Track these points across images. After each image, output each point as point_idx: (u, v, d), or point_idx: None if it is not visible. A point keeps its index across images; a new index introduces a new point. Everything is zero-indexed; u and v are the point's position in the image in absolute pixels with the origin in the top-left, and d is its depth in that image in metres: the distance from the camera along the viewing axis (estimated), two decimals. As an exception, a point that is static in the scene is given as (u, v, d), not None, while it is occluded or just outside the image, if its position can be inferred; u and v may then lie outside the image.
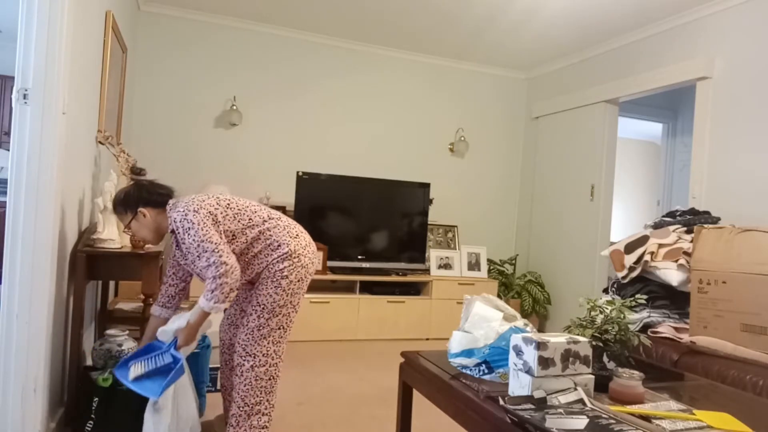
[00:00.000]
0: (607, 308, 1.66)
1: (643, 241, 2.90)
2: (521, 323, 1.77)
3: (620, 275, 2.92)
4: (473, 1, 3.82)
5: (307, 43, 4.76)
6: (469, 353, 1.71)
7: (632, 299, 1.77)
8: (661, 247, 2.81)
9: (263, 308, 2.07)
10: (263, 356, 2.08)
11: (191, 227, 1.95)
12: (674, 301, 2.78)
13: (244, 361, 2.07)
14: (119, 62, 3.38)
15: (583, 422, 1.22)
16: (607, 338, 1.63)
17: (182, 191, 4.50)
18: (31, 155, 1.92)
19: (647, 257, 2.80)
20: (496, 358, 1.63)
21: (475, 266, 4.84)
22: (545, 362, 1.36)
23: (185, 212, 1.99)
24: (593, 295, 4.27)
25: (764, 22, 3.23)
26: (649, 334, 2.66)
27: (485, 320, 1.75)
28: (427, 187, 4.77)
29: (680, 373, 2.02)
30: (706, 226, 2.66)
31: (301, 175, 4.37)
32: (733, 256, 2.43)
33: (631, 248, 2.92)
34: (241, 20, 4.54)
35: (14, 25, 2.00)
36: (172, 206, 2.08)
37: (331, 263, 4.41)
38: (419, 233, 4.74)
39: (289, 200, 4.61)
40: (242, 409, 2.06)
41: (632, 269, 2.86)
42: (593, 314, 1.68)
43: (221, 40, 4.53)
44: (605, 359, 1.63)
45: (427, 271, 4.74)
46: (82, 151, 2.50)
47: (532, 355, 1.37)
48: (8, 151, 2.00)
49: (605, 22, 4.00)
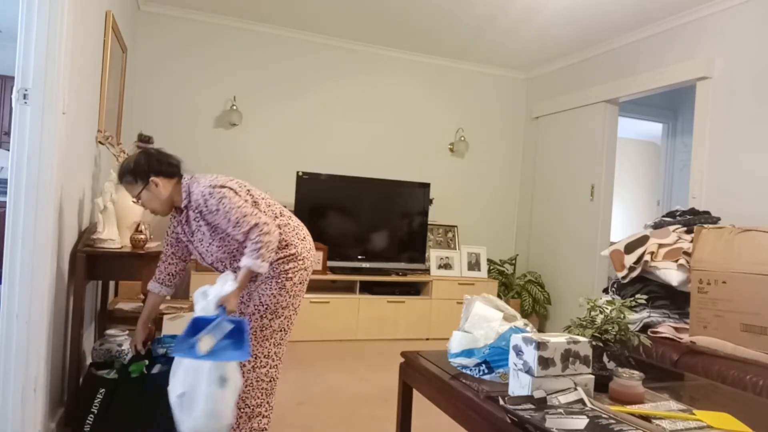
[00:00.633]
0: (607, 308, 1.66)
1: (643, 241, 2.90)
2: (521, 323, 1.77)
3: (620, 275, 2.92)
4: (473, 1, 3.82)
5: (307, 43, 4.76)
6: (469, 353, 1.71)
7: (632, 299, 1.77)
8: (661, 247, 2.81)
9: (266, 309, 2.06)
10: (265, 357, 2.07)
11: (224, 197, 1.94)
12: (674, 301, 2.78)
13: (245, 361, 2.06)
14: (119, 62, 3.38)
15: (583, 422, 1.22)
16: (607, 338, 1.63)
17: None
18: (31, 155, 1.92)
19: (647, 257, 2.80)
20: (496, 358, 1.63)
21: (475, 266, 4.84)
22: (545, 362, 1.36)
23: (212, 185, 1.96)
24: (593, 295, 4.27)
25: (764, 22, 3.22)
26: (649, 334, 2.66)
27: (485, 320, 1.75)
28: (427, 187, 4.77)
29: (680, 373, 2.02)
30: (706, 226, 2.66)
31: (301, 175, 4.37)
32: (733, 256, 2.43)
33: (631, 248, 2.91)
34: (241, 20, 4.54)
35: (14, 25, 2.00)
36: (191, 180, 2.04)
37: (331, 263, 4.41)
38: (419, 233, 4.74)
39: (289, 200, 4.61)
40: (243, 410, 2.05)
41: (632, 269, 2.86)
42: (593, 314, 1.68)
43: (221, 40, 4.53)
44: (605, 359, 1.63)
45: (427, 271, 4.74)
46: (82, 151, 2.50)
47: (532, 355, 1.37)
48: (8, 151, 1.99)
49: (605, 22, 4.00)
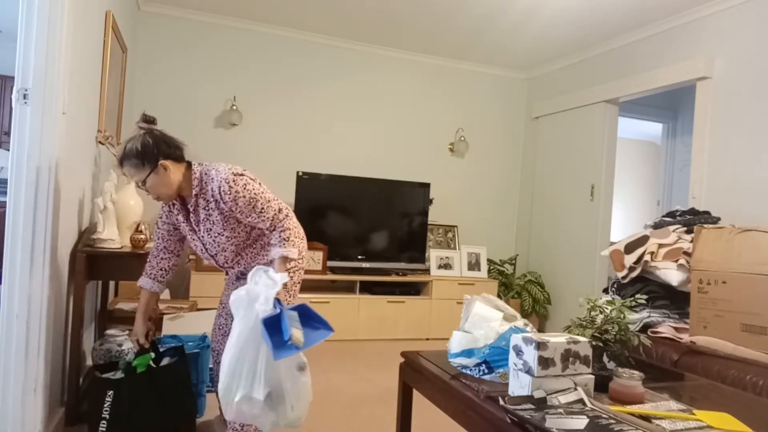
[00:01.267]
0: (607, 308, 1.66)
1: (643, 241, 2.90)
2: (521, 323, 1.77)
3: (620, 275, 2.92)
4: (473, 1, 3.82)
5: (307, 43, 4.76)
6: (469, 353, 1.71)
7: (632, 299, 1.77)
8: (661, 247, 2.81)
9: None
10: None
11: (248, 182, 1.89)
12: (674, 301, 2.78)
13: None
14: (119, 62, 3.38)
15: (583, 422, 1.21)
16: (607, 338, 1.63)
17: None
18: (31, 155, 1.92)
19: (647, 257, 2.80)
20: (496, 358, 1.63)
21: (475, 266, 4.84)
22: (545, 362, 1.36)
23: (234, 173, 1.89)
24: (593, 295, 4.27)
25: (764, 22, 3.22)
26: (649, 334, 2.66)
27: (485, 320, 1.75)
28: (427, 187, 4.77)
29: (680, 373, 2.02)
30: (706, 226, 2.66)
31: (301, 175, 4.37)
32: (733, 256, 2.43)
33: (631, 248, 2.91)
34: (241, 20, 4.54)
35: (14, 25, 2.00)
36: (205, 168, 1.94)
37: (331, 263, 4.41)
38: (419, 233, 4.74)
39: (289, 200, 4.61)
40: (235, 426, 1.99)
41: (632, 269, 2.86)
42: (593, 314, 1.68)
43: (221, 40, 4.53)
44: (605, 359, 1.63)
45: (427, 271, 4.74)
46: (82, 151, 2.50)
47: (532, 355, 1.37)
48: (8, 151, 2.00)
49: (605, 22, 4.00)
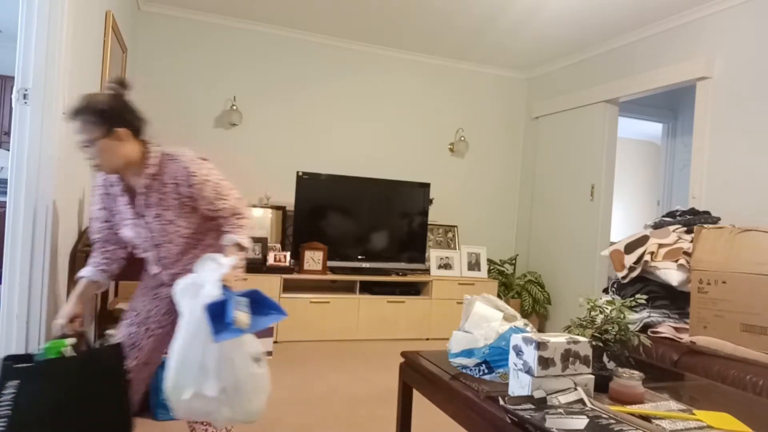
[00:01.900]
0: (607, 308, 1.66)
1: (643, 241, 2.90)
2: (521, 323, 1.76)
3: (620, 275, 2.92)
4: (473, 1, 3.82)
5: (307, 43, 4.76)
6: (469, 353, 1.71)
7: (632, 299, 1.77)
8: (661, 247, 2.81)
9: None
10: None
11: (213, 169, 1.80)
12: (674, 301, 2.78)
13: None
14: (119, 62, 3.38)
15: (583, 422, 1.21)
16: (607, 338, 1.63)
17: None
18: (31, 155, 1.92)
19: (647, 257, 2.80)
20: (496, 358, 1.63)
21: (475, 266, 4.84)
22: (545, 362, 1.36)
23: (200, 158, 1.81)
24: (593, 295, 4.27)
25: (764, 22, 3.23)
26: (649, 334, 2.66)
27: (485, 320, 1.75)
28: (427, 187, 4.77)
29: (680, 373, 2.02)
30: (706, 226, 2.66)
31: (301, 175, 4.37)
32: (733, 256, 2.43)
33: (631, 248, 2.91)
34: (241, 20, 4.54)
35: (14, 25, 2.00)
36: (168, 151, 1.78)
37: (331, 263, 4.41)
38: (419, 233, 4.74)
39: (289, 200, 4.62)
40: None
41: (632, 269, 2.86)
42: (593, 314, 1.68)
43: (221, 40, 4.53)
44: (605, 359, 1.63)
45: (427, 271, 4.74)
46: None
47: (532, 355, 1.37)
48: (8, 151, 2.00)
49: (605, 22, 4.01)
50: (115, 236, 1.85)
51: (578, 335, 1.52)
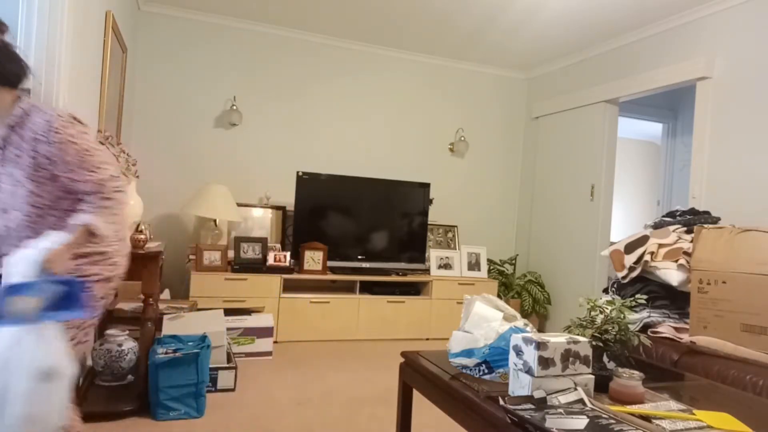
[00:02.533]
0: (607, 308, 1.66)
1: (643, 241, 2.90)
2: (521, 323, 1.77)
3: (620, 275, 2.92)
4: (473, 1, 3.82)
5: (307, 43, 4.76)
6: (469, 353, 1.71)
7: (632, 299, 1.77)
8: (661, 247, 2.81)
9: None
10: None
11: (86, 134, 1.55)
12: (674, 301, 2.78)
13: None
14: (119, 62, 3.39)
15: (583, 422, 1.22)
16: (607, 338, 1.63)
17: (182, 191, 4.52)
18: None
19: (647, 257, 2.80)
20: (496, 358, 1.63)
21: (475, 266, 4.84)
22: (545, 362, 1.36)
23: (73, 116, 1.58)
24: (593, 295, 4.27)
25: (764, 22, 3.23)
26: (649, 334, 2.66)
27: (485, 320, 1.75)
28: (427, 187, 4.77)
29: (680, 373, 2.02)
30: (706, 226, 2.66)
31: (301, 175, 4.37)
32: (733, 256, 2.43)
33: (631, 248, 2.92)
34: (241, 20, 4.54)
35: (14, 25, 2.00)
36: (35, 103, 1.57)
37: (331, 263, 4.41)
38: (419, 233, 4.74)
39: (289, 200, 4.62)
40: None
41: (632, 269, 2.86)
42: (593, 314, 1.68)
43: (221, 40, 4.53)
44: (605, 359, 1.64)
45: (427, 271, 4.74)
46: (82, 151, 2.50)
47: (532, 355, 1.37)
48: (8, 151, 1.99)
49: (605, 22, 4.01)
50: None
51: (578, 335, 1.53)
